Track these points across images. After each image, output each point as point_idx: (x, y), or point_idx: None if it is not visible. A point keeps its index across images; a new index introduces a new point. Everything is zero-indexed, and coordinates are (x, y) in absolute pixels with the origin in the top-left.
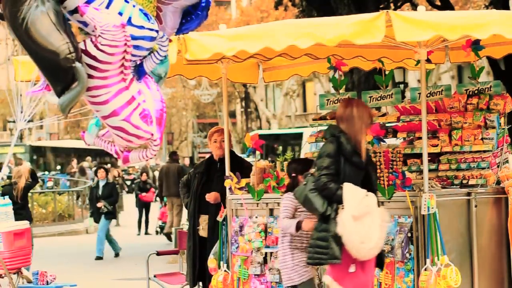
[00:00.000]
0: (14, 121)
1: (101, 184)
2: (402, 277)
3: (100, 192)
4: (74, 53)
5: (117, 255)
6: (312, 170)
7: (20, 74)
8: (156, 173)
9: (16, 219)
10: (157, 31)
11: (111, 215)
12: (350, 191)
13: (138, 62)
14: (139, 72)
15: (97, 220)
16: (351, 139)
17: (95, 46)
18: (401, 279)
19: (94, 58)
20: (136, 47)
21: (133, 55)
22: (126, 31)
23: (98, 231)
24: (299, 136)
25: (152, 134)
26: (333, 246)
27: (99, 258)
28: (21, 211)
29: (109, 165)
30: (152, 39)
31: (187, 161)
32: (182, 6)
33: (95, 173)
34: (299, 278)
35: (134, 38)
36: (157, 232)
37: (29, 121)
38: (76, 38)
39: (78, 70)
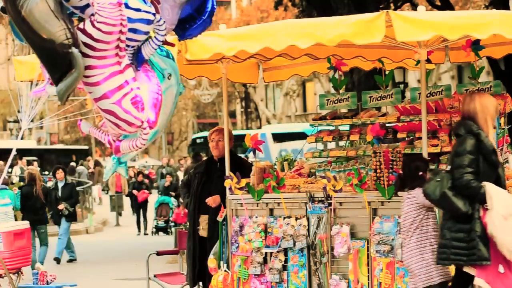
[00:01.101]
0: (14, 121)
1: (60, 185)
2: (402, 277)
3: (59, 194)
4: (71, 39)
5: (70, 260)
6: (447, 167)
7: (20, 74)
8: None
9: (34, 218)
10: (154, 14)
11: (72, 217)
12: (494, 190)
13: (136, 48)
14: (138, 58)
15: (57, 223)
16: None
17: (92, 24)
18: (401, 279)
19: (90, 36)
20: (134, 30)
21: (131, 40)
22: (122, 10)
23: (61, 235)
24: (241, 138)
25: (142, 122)
26: (480, 247)
27: (57, 259)
28: (40, 211)
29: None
30: (149, 22)
31: None
32: (181, 2)
33: (53, 174)
34: (438, 277)
35: (131, 21)
36: (153, 233)
37: (30, 121)
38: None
39: (74, 56)
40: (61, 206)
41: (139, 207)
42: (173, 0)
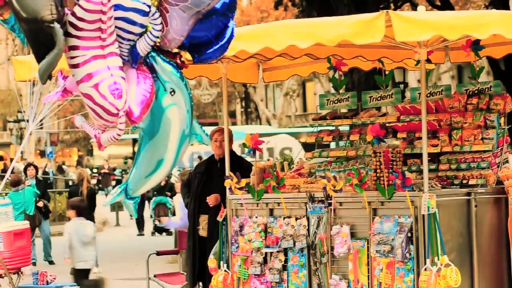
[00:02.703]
0: (14, 121)
1: (32, 183)
2: (402, 277)
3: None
4: (55, 15)
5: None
6: None
7: (19, 74)
8: None
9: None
10: (149, 6)
11: (47, 214)
12: None
13: (132, 44)
14: (133, 54)
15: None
16: None
17: (76, 2)
18: (401, 279)
19: (74, 14)
20: (128, 20)
21: (126, 31)
22: None
23: (45, 234)
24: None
25: (118, 110)
26: None
27: (52, 262)
28: (88, 216)
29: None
30: (144, 13)
31: None
32: (190, 14)
33: (24, 171)
34: None
35: (124, 9)
36: (152, 233)
37: (27, 121)
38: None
39: (55, 31)
40: (41, 204)
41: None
42: (182, 11)
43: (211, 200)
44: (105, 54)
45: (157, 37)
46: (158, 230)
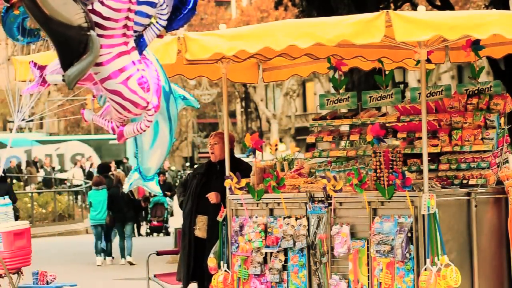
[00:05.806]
0: (14, 121)
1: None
2: (402, 277)
3: None
4: (89, 23)
5: None
6: None
7: (20, 74)
8: None
9: (120, 216)
10: None
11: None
12: None
13: (137, 35)
14: (140, 44)
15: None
16: None
17: (101, 2)
18: (401, 279)
19: (99, 14)
20: (140, 13)
21: (137, 24)
22: None
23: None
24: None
25: (148, 103)
26: None
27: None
28: (125, 210)
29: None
30: (154, 5)
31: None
32: None
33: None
34: None
35: (139, 3)
36: (147, 234)
37: (23, 120)
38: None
39: (92, 39)
40: None
41: None
42: None
43: (212, 197)
44: (128, 50)
45: (164, 26)
46: (154, 230)
